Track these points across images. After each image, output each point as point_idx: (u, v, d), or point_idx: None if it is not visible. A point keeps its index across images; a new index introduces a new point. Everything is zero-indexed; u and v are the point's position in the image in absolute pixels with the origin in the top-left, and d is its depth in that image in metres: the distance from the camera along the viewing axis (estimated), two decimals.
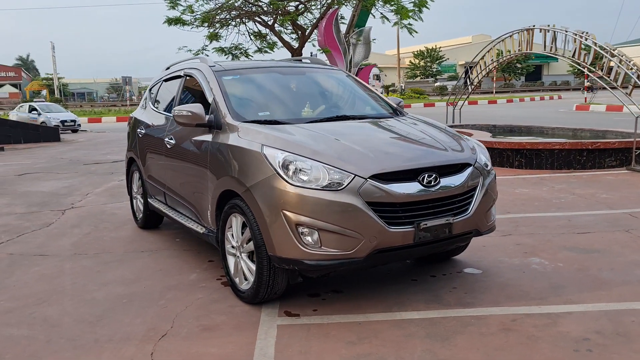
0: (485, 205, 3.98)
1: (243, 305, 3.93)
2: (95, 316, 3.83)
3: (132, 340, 3.43)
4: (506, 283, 4.23)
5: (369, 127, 4.34)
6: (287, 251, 3.53)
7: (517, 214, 6.42)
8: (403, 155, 3.77)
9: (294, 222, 3.48)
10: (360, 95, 5.19)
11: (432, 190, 3.65)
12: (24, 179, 10.74)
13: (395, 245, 3.57)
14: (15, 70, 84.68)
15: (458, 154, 3.96)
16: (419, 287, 4.18)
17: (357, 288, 4.21)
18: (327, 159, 3.58)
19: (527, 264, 4.65)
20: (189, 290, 4.28)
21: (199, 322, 3.67)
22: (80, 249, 5.55)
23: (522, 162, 9.51)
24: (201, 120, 4.33)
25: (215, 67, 4.89)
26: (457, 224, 3.76)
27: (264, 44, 23.08)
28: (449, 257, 4.79)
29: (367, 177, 3.50)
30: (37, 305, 4.06)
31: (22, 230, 6.44)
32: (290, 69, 5.21)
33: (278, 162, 3.59)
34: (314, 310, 3.81)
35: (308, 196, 3.46)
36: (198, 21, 21.05)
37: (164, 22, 21.07)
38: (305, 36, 20.87)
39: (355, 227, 3.45)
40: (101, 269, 4.87)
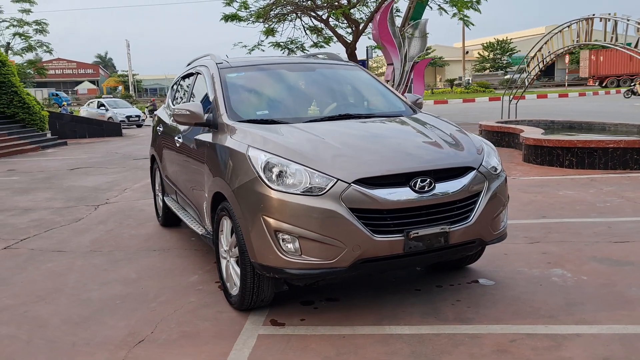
0: (491, 212, 3.65)
1: (231, 311, 3.80)
2: (83, 317, 3.81)
3: (108, 345, 3.37)
4: (517, 297, 3.87)
5: (370, 127, 4.08)
6: (267, 258, 3.36)
7: (553, 218, 5.95)
8: (395, 158, 3.51)
9: (273, 229, 3.30)
10: (373, 93, 4.93)
11: (425, 197, 3.37)
12: (74, 173, 11.13)
13: (382, 255, 3.32)
14: (94, 67, 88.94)
15: (459, 157, 3.64)
16: (420, 298, 3.90)
17: (354, 296, 3.98)
18: (311, 161, 3.37)
19: (547, 276, 4.26)
20: (184, 292, 4.20)
21: (181, 328, 3.57)
22: (97, 245, 5.61)
23: (573, 162, 8.88)
24: (200, 120, 4.22)
25: (223, 63, 4.77)
26: (454, 233, 3.46)
27: (320, 38, 23.02)
28: (461, 265, 4.46)
29: (350, 181, 3.27)
30: (33, 304, 4.09)
31: (52, 225, 6.61)
32: (300, 65, 5.02)
33: (260, 165, 3.42)
34: (301, 320, 3.62)
35: (288, 201, 3.27)
36: (253, 17, 21.20)
37: (220, 19, 21.36)
38: (359, 30, 20.57)
39: (336, 235, 3.23)
40: (108, 268, 4.88)
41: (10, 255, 5.40)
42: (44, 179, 10.45)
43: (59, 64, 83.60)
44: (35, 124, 18.24)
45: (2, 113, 17.85)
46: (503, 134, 12.07)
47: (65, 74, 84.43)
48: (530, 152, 9.53)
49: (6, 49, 32.75)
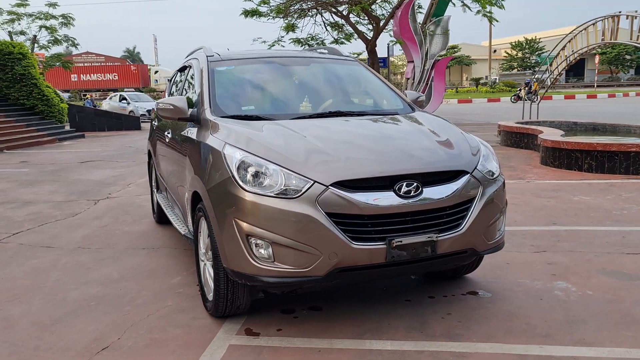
0: (485, 220, 3.37)
1: (206, 317, 3.60)
2: (53, 319, 3.64)
3: (71, 351, 3.19)
4: (513, 312, 3.59)
5: (359, 125, 3.82)
6: (238, 264, 3.14)
7: (564, 225, 5.61)
8: (379, 159, 3.25)
9: (245, 233, 3.08)
10: (369, 89, 4.67)
11: (411, 202, 3.10)
12: (84, 166, 11.07)
13: (362, 264, 3.07)
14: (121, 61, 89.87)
15: (451, 160, 3.36)
16: (409, 310, 3.64)
17: (338, 306, 3.74)
18: (288, 161, 3.13)
19: (550, 289, 3.96)
20: (162, 295, 4.01)
21: (150, 335, 3.37)
22: (87, 242, 5.47)
23: (592, 165, 8.48)
24: (183, 115, 4.02)
25: (214, 56, 4.56)
26: (443, 242, 3.19)
27: (340, 34, 22.74)
28: (458, 275, 4.18)
29: (328, 184, 3.02)
30: (7, 303, 3.95)
31: (48, 219, 6.50)
32: (294, 59, 4.78)
33: (235, 164, 3.19)
34: (277, 330, 3.39)
35: (261, 204, 3.04)
36: (273, 12, 21.01)
37: (240, 14, 21.25)
38: (380, 27, 20.24)
39: (311, 241, 2.99)
40: (92, 266, 4.72)
41: None
42: (53, 171, 10.41)
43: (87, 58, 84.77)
44: (53, 116, 18.36)
45: (22, 105, 18.01)
46: (522, 135, 11.66)
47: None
48: (548, 154, 9.15)
49: (32, 41, 33.11)
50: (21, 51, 18.07)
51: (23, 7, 31.98)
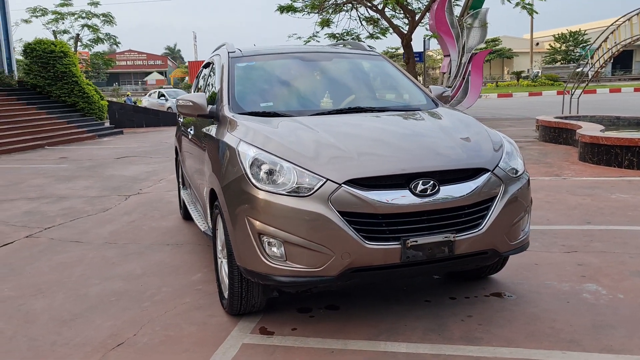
0: (507, 219, 3.24)
1: (222, 315, 3.58)
2: (73, 314, 3.69)
3: (87, 346, 3.22)
4: (537, 315, 3.45)
5: (378, 122, 3.74)
6: (251, 263, 3.10)
7: (599, 225, 5.39)
8: (396, 156, 3.16)
9: (257, 231, 3.04)
10: (392, 84, 4.57)
11: (427, 201, 3.01)
12: (119, 162, 11.29)
13: (376, 264, 2.99)
14: (162, 58, 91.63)
15: (471, 157, 3.24)
16: (428, 311, 3.55)
17: (356, 305, 3.67)
18: (301, 159, 3.08)
19: (578, 291, 3.79)
20: (182, 291, 4.02)
21: (165, 332, 3.38)
22: (114, 237, 5.55)
23: (634, 162, 8.13)
24: (202, 111, 4.02)
25: (235, 52, 4.54)
26: (461, 243, 3.08)
27: (376, 29, 22.54)
28: (482, 275, 4.05)
29: (341, 182, 2.95)
30: (31, 297, 4.03)
31: (80, 214, 6.63)
32: (316, 54, 4.71)
33: (248, 161, 3.16)
34: (292, 330, 3.35)
35: (273, 202, 3.00)
36: (308, 7, 20.98)
37: (275, 9, 21.27)
38: (415, 20, 19.95)
39: (323, 240, 2.93)
40: (117, 261, 4.78)
41: (29, 245, 5.41)
42: (90, 167, 10.65)
43: (130, 56, 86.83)
44: (94, 113, 18.80)
45: (64, 102, 18.49)
46: (561, 130, 11.30)
47: (135, 65, 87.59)
48: (587, 150, 8.82)
49: (75, 40, 34.01)
50: (62, 50, 18.55)
51: (66, 7, 32.91)
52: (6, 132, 14.61)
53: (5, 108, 16.44)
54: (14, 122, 15.53)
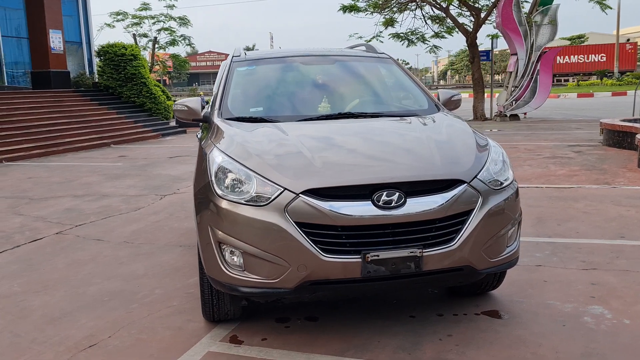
0: (485, 234, 3.03)
1: (200, 321, 3.58)
2: (64, 313, 3.81)
3: (60, 346, 3.31)
4: (523, 339, 3.20)
5: (359, 128, 3.61)
6: (213, 272, 3.08)
7: (633, 240, 4.96)
8: (361, 166, 3.03)
9: (217, 240, 3.01)
10: (394, 89, 4.41)
11: (391, 214, 2.85)
12: (170, 161, 11.64)
13: (335, 278, 2.88)
14: None
15: (444, 168, 3.05)
16: (408, 327, 3.38)
17: (336, 317, 3.56)
18: (263, 167, 3.01)
19: (580, 314, 3.49)
20: (172, 294, 4.06)
21: (139, 335, 3.42)
22: (133, 237, 5.70)
23: None
24: (197, 116, 4.05)
25: (240, 56, 4.54)
26: (430, 258, 2.90)
27: (441, 28, 22.00)
28: (479, 291, 3.80)
29: (298, 192, 2.86)
30: (34, 293, 4.20)
31: (113, 212, 6.88)
32: (318, 58, 4.61)
33: (214, 168, 3.14)
34: (262, 340, 3.29)
35: (232, 211, 2.96)
36: (371, 7, 20.79)
37: (338, 9, 21.24)
38: (480, 18, 19.29)
39: (278, 251, 2.85)
40: (125, 261, 4.91)
41: (56, 241, 5.67)
42: (141, 166, 11.05)
43: (210, 56, 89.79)
44: (160, 113, 19.53)
45: (133, 102, 19.34)
46: (624, 134, 10.54)
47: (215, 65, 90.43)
48: None
49: (153, 42, 35.51)
50: (132, 52, 19.39)
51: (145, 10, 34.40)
52: (77, 131, 15.45)
53: (79, 108, 17.40)
54: (85, 121, 16.40)
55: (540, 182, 7.76)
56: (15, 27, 22.32)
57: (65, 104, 17.27)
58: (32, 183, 9.35)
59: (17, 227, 6.25)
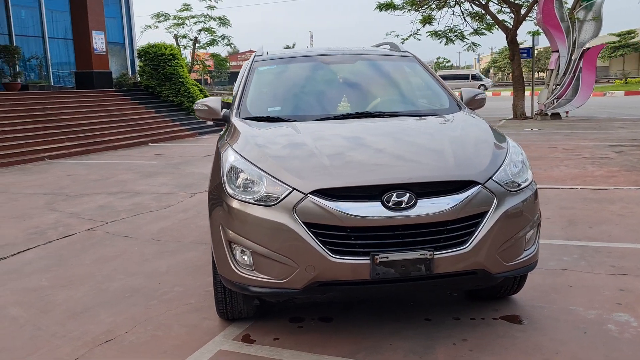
0: (501, 237, 2.94)
1: (215, 319, 3.60)
2: (85, 308, 3.90)
3: (79, 340, 3.39)
4: (541, 345, 3.10)
5: (374, 128, 3.57)
6: (224, 271, 3.10)
7: None
8: (372, 166, 2.99)
9: (228, 239, 3.03)
10: (417, 88, 4.33)
11: (401, 215, 2.81)
12: (204, 159, 11.79)
13: (343, 279, 2.85)
14: None
15: (457, 169, 2.98)
16: (422, 331, 3.32)
17: (350, 318, 3.53)
18: (273, 167, 3.01)
19: (604, 321, 3.36)
20: (191, 292, 4.11)
21: (155, 332, 3.47)
22: (160, 234, 5.79)
23: None
24: (216, 115, 4.07)
25: (262, 55, 4.56)
26: (441, 261, 2.84)
27: (481, 25, 21.60)
28: (499, 295, 3.70)
29: (307, 192, 2.84)
30: (60, 288, 4.31)
31: (144, 210, 7.01)
32: (340, 57, 4.58)
33: (227, 167, 3.15)
34: (274, 339, 3.29)
35: (241, 210, 2.96)
36: (408, 4, 20.58)
37: (374, 8, 21.10)
38: (520, 15, 18.84)
39: (286, 252, 2.84)
40: (150, 258, 4.99)
41: (86, 237, 5.81)
42: (175, 164, 11.23)
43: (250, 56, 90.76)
44: None
45: (172, 102, 19.69)
46: None
47: None
48: None
49: (194, 42, 36.09)
50: (172, 52, 19.75)
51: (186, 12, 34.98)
52: (117, 130, 15.83)
53: (120, 107, 17.83)
54: (124, 120, 16.80)
55: (575, 183, 7.52)
56: (61, 28, 23.09)
57: (106, 103, 17.72)
58: (70, 180, 9.62)
59: (51, 223, 6.44)
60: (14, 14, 21.61)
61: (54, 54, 23.88)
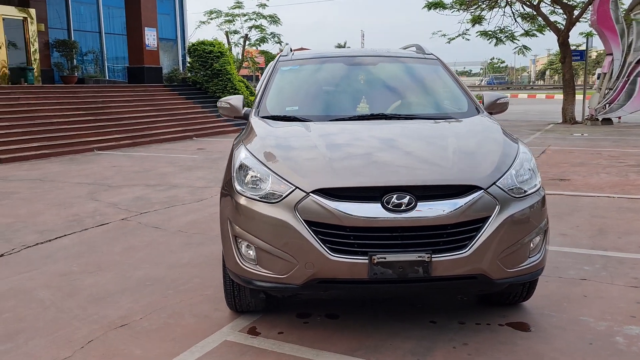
0: (503, 243, 2.94)
1: (226, 310, 3.73)
2: (108, 293, 4.10)
3: (96, 324, 3.57)
4: (542, 354, 3.07)
5: (388, 130, 3.61)
6: (231, 264, 3.22)
7: None
8: (374, 168, 3.04)
9: (234, 234, 3.14)
10: (438, 91, 4.33)
11: (400, 217, 2.85)
12: None
13: (341, 277, 2.91)
14: None
15: (460, 173, 2.99)
16: (425, 333, 3.34)
17: (356, 316, 3.58)
18: (280, 166, 3.11)
19: (613, 333, 3.30)
20: (209, 283, 4.25)
21: (165, 320, 3.62)
22: (189, 227, 5.99)
23: None
24: (238, 113, 4.20)
25: (287, 56, 4.66)
26: (440, 264, 2.87)
27: (532, 26, 21.11)
28: (508, 302, 3.67)
29: (309, 190, 2.92)
30: (88, 274, 4.53)
31: (177, 202, 7.24)
32: (362, 58, 4.62)
33: (237, 164, 3.27)
34: (278, 333, 3.39)
35: (247, 207, 3.07)
36: (457, 4, 20.32)
37: (423, 7, 20.92)
38: (573, 17, 18.29)
39: (287, 248, 2.93)
40: (176, 249, 5.18)
41: (120, 227, 6.07)
42: (215, 159, 11.50)
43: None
44: None
45: (217, 97, 20.06)
46: None
47: None
48: None
49: (244, 39, 36.67)
50: (220, 50, 20.18)
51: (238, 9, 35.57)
52: (163, 124, 16.33)
53: (167, 102, 18.37)
54: (171, 114, 17.29)
55: (613, 192, 7.31)
56: (117, 24, 23.90)
57: (155, 97, 18.28)
58: (114, 171, 10.01)
59: (90, 212, 6.75)
60: (73, 9, 22.54)
61: (110, 48, 24.77)
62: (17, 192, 8.14)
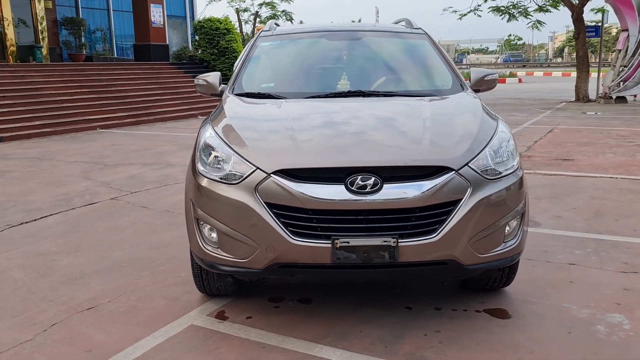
0: (474, 227, 2.79)
1: (197, 293, 3.63)
2: (81, 274, 4.03)
3: (63, 306, 3.50)
4: (517, 343, 2.94)
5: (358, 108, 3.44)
6: (195, 248, 3.11)
7: None
8: (339, 148, 2.89)
9: (196, 216, 3.03)
10: (422, 67, 4.14)
11: (364, 199, 2.70)
12: None
13: (303, 262, 2.79)
14: None
15: (429, 154, 2.83)
16: (398, 319, 3.22)
17: (329, 302, 3.47)
18: (243, 145, 2.97)
19: (594, 322, 3.15)
20: (184, 265, 4.13)
21: (135, 303, 3.54)
22: (176, 206, 5.88)
23: None
24: (214, 91, 4.06)
25: (269, 31, 4.49)
26: (407, 249, 2.73)
27: (546, 1, 20.57)
28: (491, 287, 3.53)
29: (270, 171, 2.78)
30: (66, 254, 4.47)
31: (170, 182, 7.15)
32: (345, 33, 4.42)
33: (201, 144, 3.14)
34: (246, 318, 3.29)
35: (207, 188, 2.95)
36: None
37: None
38: None
39: (247, 231, 2.81)
40: (159, 229, 5.09)
41: (108, 206, 6.00)
42: None
43: None
44: None
45: (225, 76, 19.92)
46: None
47: None
48: None
49: (255, 17, 36.29)
50: (226, 27, 19.94)
51: None
52: (168, 102, 16.24)
53: (173, 80, 18.26)
54: (176, 92, 17.18)
55: (617, 172, 7.07)
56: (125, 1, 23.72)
57: (161, 75, 18.17)
58: (112, 150, 9.95)
59: (80, 191, 6.69)
60: None
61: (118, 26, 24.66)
62: (13, 171, 8.12)
